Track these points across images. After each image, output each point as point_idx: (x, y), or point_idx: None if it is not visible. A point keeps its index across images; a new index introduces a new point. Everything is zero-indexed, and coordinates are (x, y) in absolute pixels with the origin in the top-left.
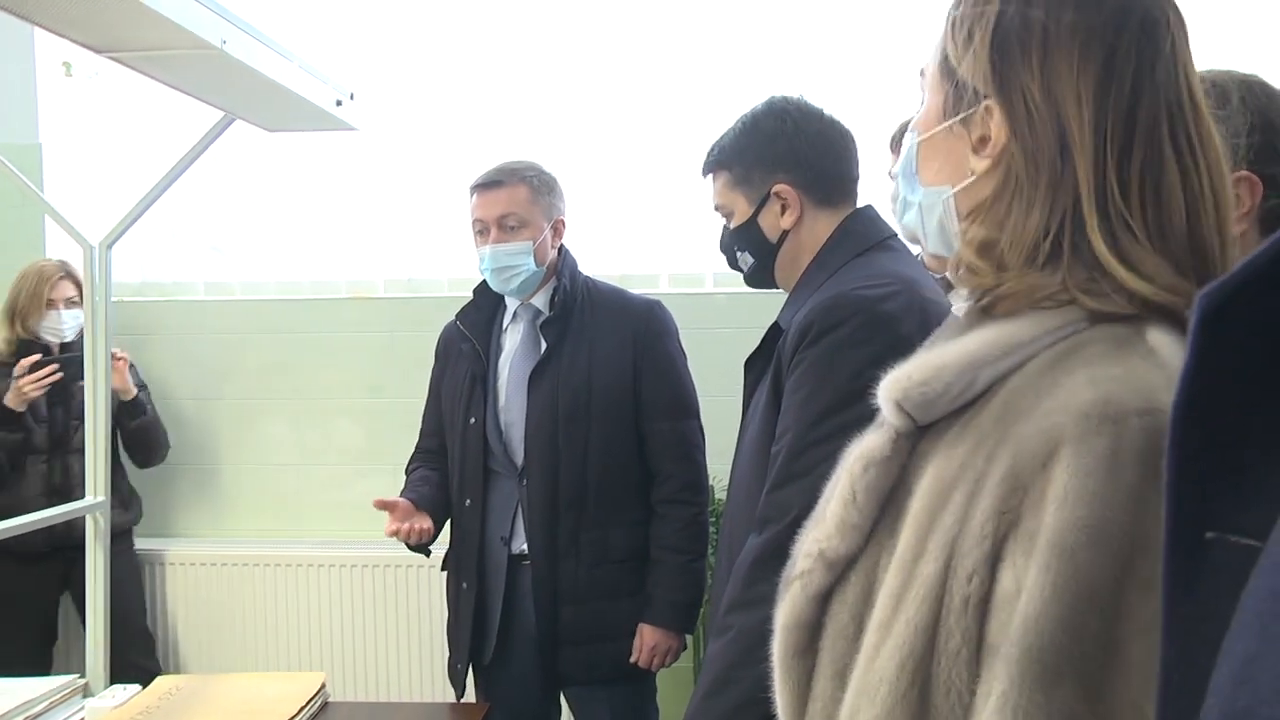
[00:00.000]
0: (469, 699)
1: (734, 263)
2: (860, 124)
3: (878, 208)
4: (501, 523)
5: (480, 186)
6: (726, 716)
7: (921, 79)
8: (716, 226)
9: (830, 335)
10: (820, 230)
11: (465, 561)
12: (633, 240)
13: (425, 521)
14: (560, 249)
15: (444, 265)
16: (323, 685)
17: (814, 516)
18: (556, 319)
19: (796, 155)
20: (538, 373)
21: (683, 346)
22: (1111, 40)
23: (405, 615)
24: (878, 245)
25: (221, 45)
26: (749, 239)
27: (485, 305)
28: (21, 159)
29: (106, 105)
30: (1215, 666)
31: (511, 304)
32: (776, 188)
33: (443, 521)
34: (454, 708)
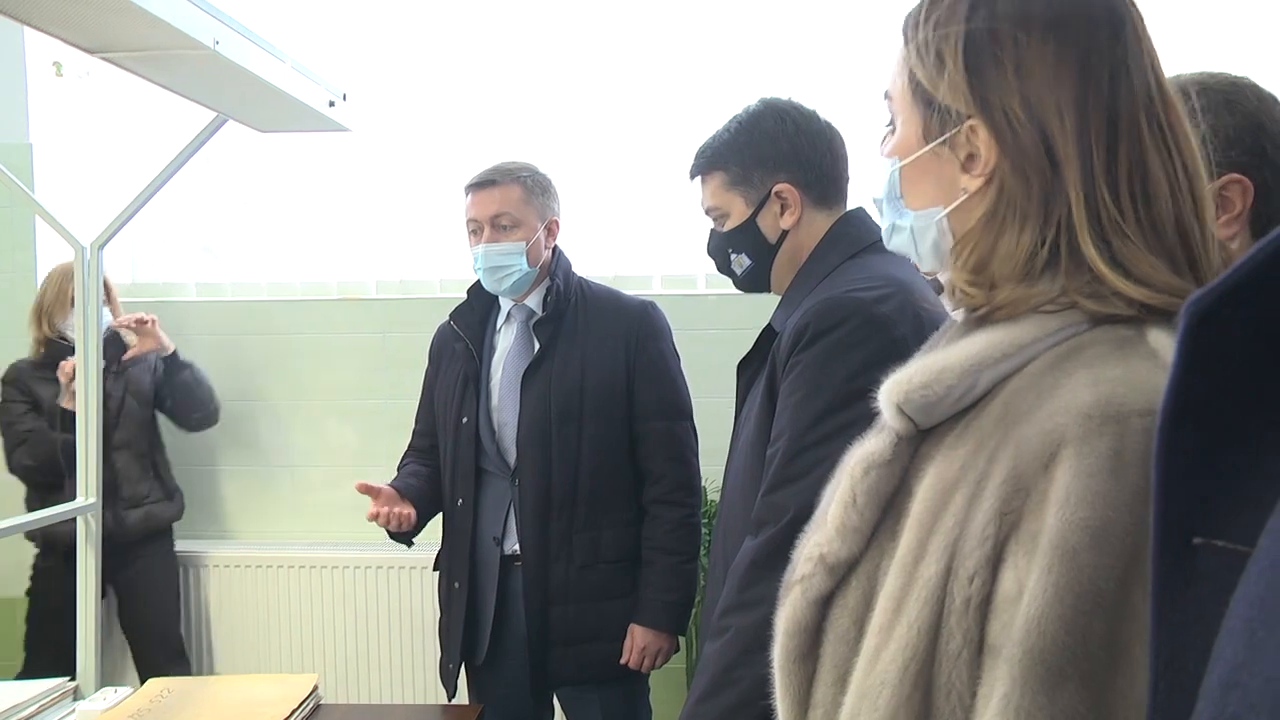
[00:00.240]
0: (461, 699)
1: (725, 266)
2: (848, 126)
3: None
4: (494, 523)
5: (474, 186)
6: (723, 718)
7: (888, 102)
8: (708, 228)
9: (825, 338)
10: (817, 231)
11: (457, 561)
12: (626, 241)
13: (407, 509)
14: (554, 250)
15: (436, 266)
16: (315, 687)
17: (814, 521)
18: (549, 319)
19: (798, 155)
20: (530, 373)
21: (676, 348)
22: (1084, 43)
23: (397, 616)
24: (871, 247)
25: (214, 46)
26: (747, 240)
27: (479, 305)
28: (12, 159)
29: (98, 105)
30: (1205, 672)
31: (505, 304)
32: (778, 187)
33: (428, 515)
34: (446, 709)
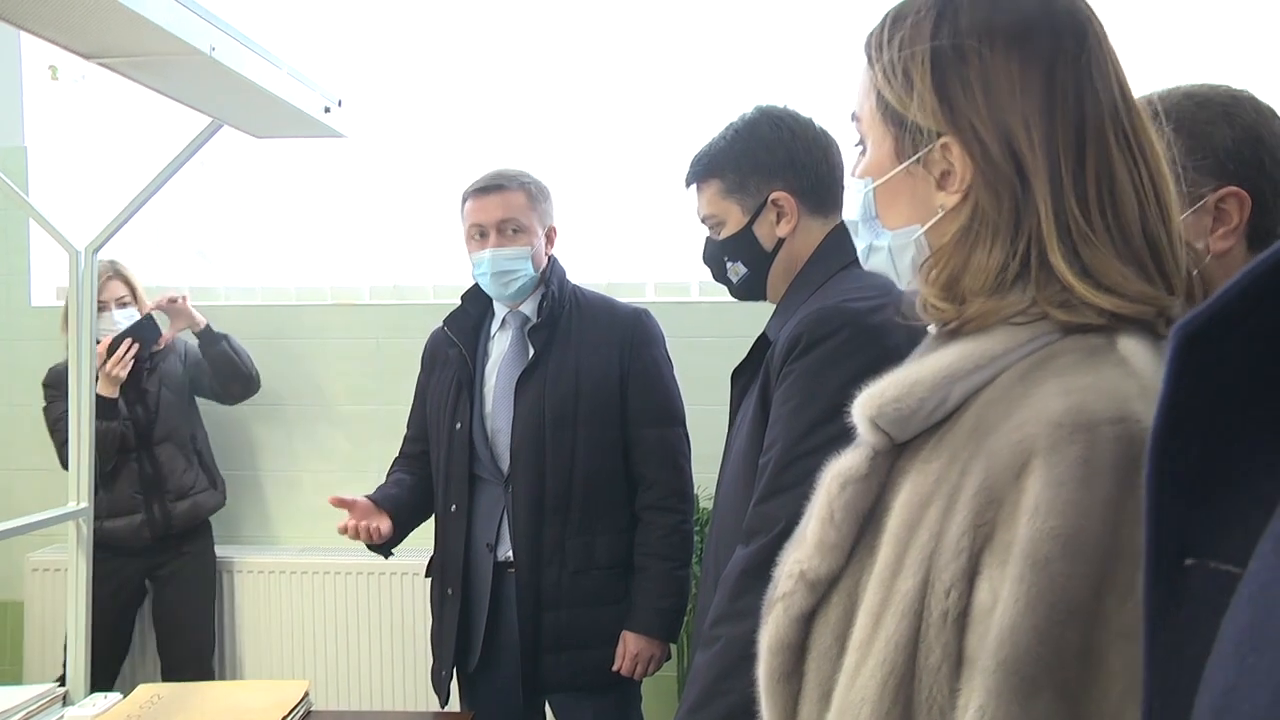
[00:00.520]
0: (452, 706)
1: (721, 274)
2: (843, 134)
3: None
4: (487, 529)
5: (479, 191)
6: None
7: (856, 124)
8: (703, 235)
9: (819, 347)
10: (813, 239)
11: (450, 568)
12: (619, 249)
13: (383, 522)
14: (550, 257)
15: (430, 272)
16: (305, 694)
17: (794, 537)
18: (544, 325)
19: (795, 162)
20: (524, 379)
21: (669, 354)
22: (1049, 54)
23: (390, 622)
24: None
25: (210, 51)
26: (743, 248)
27: (473, 311)
28: (7, 162)
29: (93, 109)
30: (1197, 694)
31: (500, 310)
32: (774, 195)
33: (410, 525)
34: (438, 716)
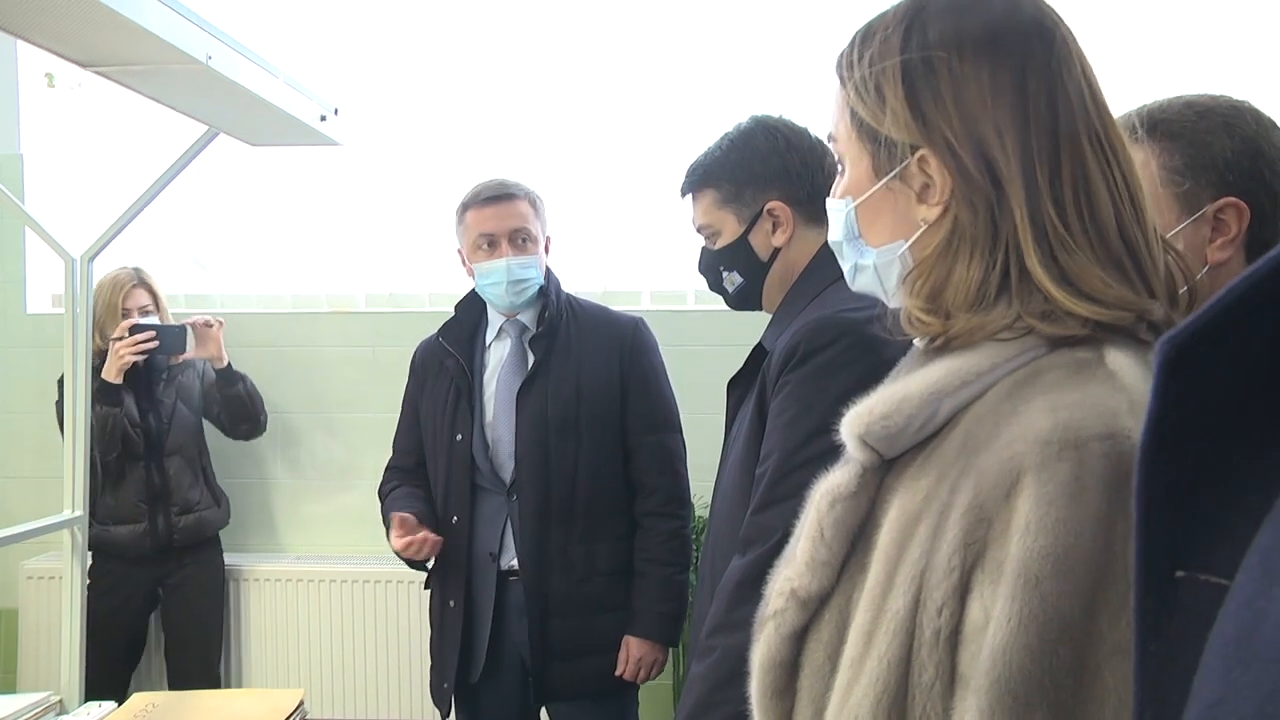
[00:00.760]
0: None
1: (717, 284)
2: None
3: None
4: (489, 538)
5: (489, 200)
6: None
7: (832, 144)
8: (698, 245)
9: (816, 358)
10: (809, 249)
11: (452, 579)
12: (615, 257)
13: (433, 535)
14: (546, 266)
15: (425, 280)
16: (301, 702)
17: (785, 555)
18: (545, 334)
19: (790, 172)
20: (526, 387)
21: (663, 361)
22: (1019, 62)
23: (388, 632)
24: None
25: (206, 60)
26: (738, 258)
27: (467, 321)
28: (3, 170)
29: (89, 117)
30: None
31: (496, 320)
32: (770, 205)
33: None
34: None
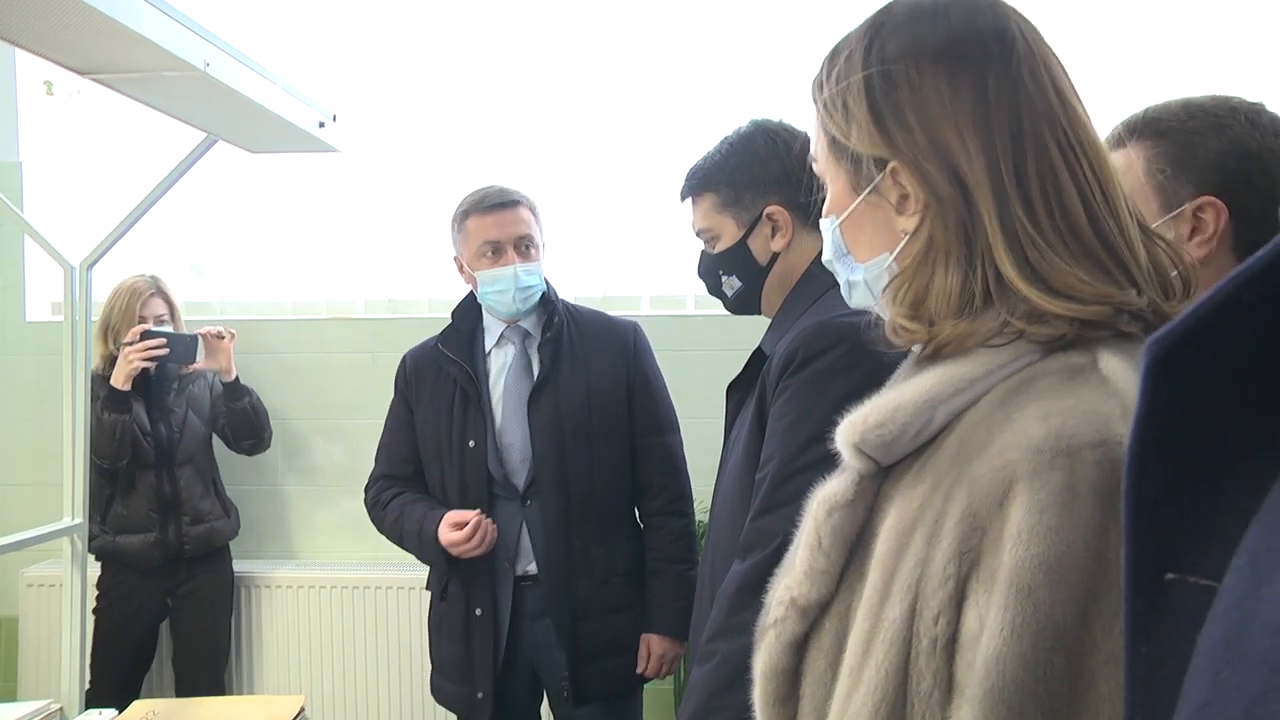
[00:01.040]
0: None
1: (716, 288)
2: None
3: None
4: (506, 545)
5: (495, 207)
6: None
7: (814, 165)
8: (698, 249)
9: (815, 362)
10: (808, 253)
11: (477, 588)
12: (615, 262)
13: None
14: None
15: (425, 286)
16: (301, 709)
17: (784, 563)
18: (553, 340)
19: (789, 177)
20: (537, 393)
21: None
22: (977, 65)
23: (384, 636)
24: None
25: (204, 67)
26: (737, 262)
27: (464, 329)
28: (2, 178)
29: (88, 124)
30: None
31: (494, 326)
32: (769, 209)
33: None
34: None
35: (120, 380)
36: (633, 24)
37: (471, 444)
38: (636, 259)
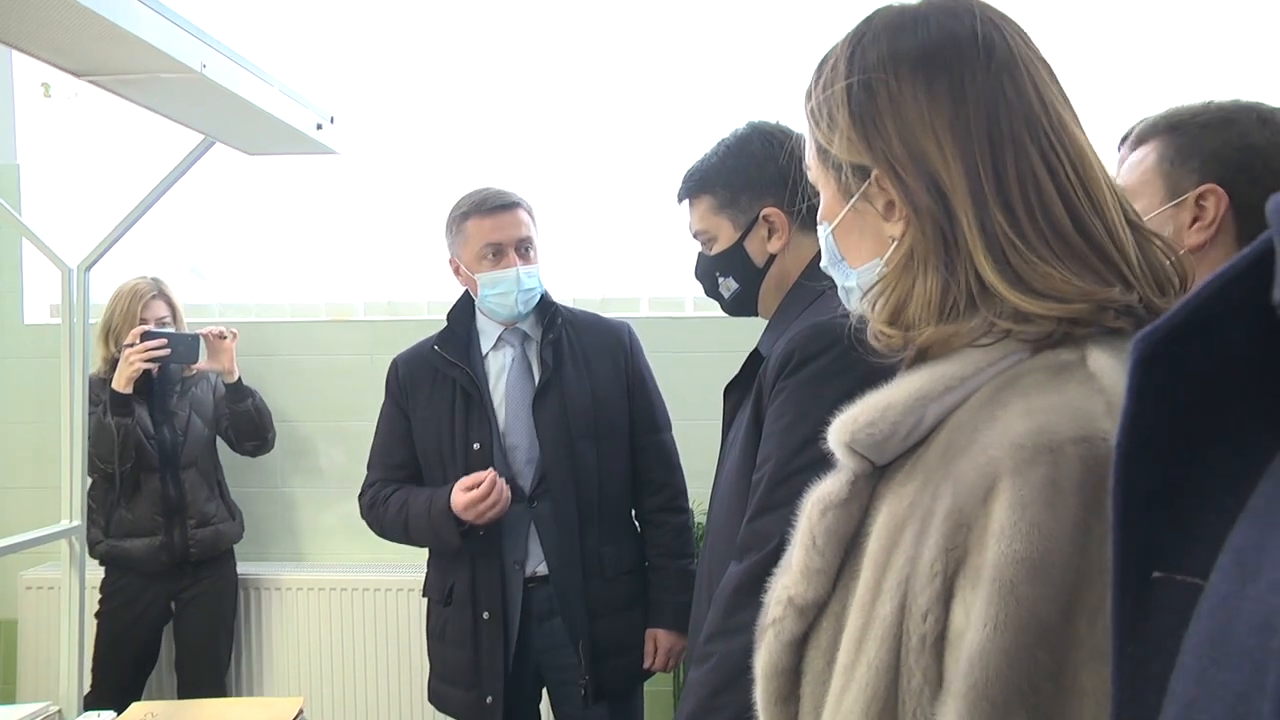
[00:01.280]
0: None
1: (713, 289)
2: None
3: None
4: (515, 547)
5: (496, 209)
6: None
7: (808, 174)
8: (695, 251)
9: (812, 364)
10: (804, 255)
11: (486, 591)
12: (613, 264)
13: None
14: None
15: (423, 288)
16: (300, 711)
17: (782, 563)
18: (555, 341)
19: (786, 179)
20: (542, 395)
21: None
22: (954, 71)
23: (383, 638)
24: None
25: (201, 69)
26: (734, 264)
27: (460, 331)
28: None
29: (85, 126)
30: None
31: (491, 329)
32: (766, 211)
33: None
34: None
35: (122, 382)
36: (630, 26)
37: (476, 446)
38: (635, 261)
